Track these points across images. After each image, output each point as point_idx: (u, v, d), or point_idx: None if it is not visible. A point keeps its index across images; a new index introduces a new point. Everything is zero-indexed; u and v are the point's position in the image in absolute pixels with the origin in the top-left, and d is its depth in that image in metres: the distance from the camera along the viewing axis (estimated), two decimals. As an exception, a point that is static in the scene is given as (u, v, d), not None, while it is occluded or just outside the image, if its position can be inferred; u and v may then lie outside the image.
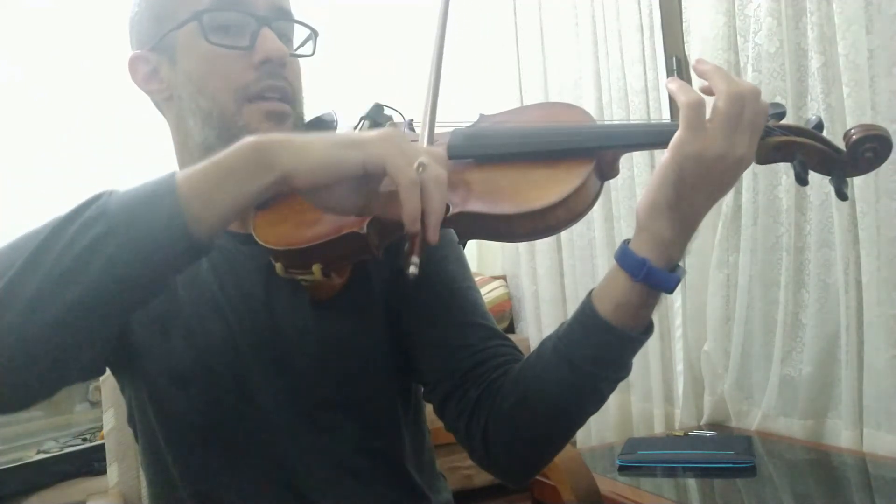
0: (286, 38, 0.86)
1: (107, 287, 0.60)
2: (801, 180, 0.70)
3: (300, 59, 0.89)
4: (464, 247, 0.93)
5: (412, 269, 0.62)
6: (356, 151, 0.63)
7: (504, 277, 2.82)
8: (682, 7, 2.05)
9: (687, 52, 2.07)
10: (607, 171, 0.76)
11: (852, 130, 0.70)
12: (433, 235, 0.63)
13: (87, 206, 0.62)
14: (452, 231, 0.92)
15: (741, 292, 1.88)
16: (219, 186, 0.62)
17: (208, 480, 0.82)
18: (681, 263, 0.72)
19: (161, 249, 0.61)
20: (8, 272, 0.60)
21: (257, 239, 0.78)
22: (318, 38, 0.90)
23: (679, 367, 2.08)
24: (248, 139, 0.63)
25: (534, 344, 2.53)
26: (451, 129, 0.80)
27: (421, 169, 0.62)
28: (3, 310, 0.59)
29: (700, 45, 1.92)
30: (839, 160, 0.71)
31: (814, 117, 0.73)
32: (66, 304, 0.59)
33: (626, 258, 0.71)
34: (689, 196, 0.69)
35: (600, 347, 0.73)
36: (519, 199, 0.71)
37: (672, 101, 2.08)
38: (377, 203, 0.67)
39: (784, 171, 1.76)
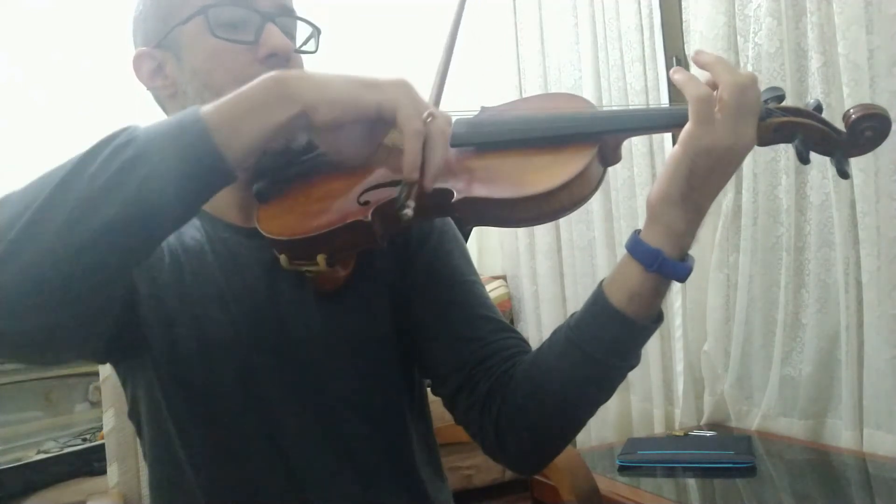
0: (290, 34, 0.87)
1: (139, 208, 0.61)
2: (803, 159, 0.71)
3: (303, 56, 0.89)
4: (466, 238, 0.94)
5: (407, 212, 0.65)
6: (373, 93, 0.65)
7: (504, 277, 2.82)
8: (682, 7, 2.06)
9: (687, 52, 2.07)
10: (610, 156, 0.76)
11: (851, 110, 0.71)
12: (430, 183, 0.66)
13: (114, 136, 0.62)
14: (456, 226, 0.93)
15: (741, 292, 1.88)
16: (243, 117, 0.64)
17: (214, 473, 0.83)
18: (690, 253, 0.74)
19: (192, 172, 0.62)
20: (41, 195, 0.60)
21: (261, 231, 0.78)
22: (321, 36, 0.90)
23: (679, 367, 2.08)
24: (270, 73, 0.65)
25: (534, 343, 2.53)
26: (453, 119, 0.80)
27: (429, 119, 0.65)
28: (38, 230, 0.59)
29: (700, 45, 1.92)
30: (839, 140, 0.73)
31: (813, 100, 0.74)
32: (100, 224, 0.60)
33: (638, 249, 0.72)
34: (701, 186, 0.70)
35: (614, 337, 0.74)
36: (522, 183, 0.72)
37: (671, 96, 2.09)
38: (381, 154, 0.69)
39: (784, 171, 1.77)
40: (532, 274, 2.65)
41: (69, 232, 0.59)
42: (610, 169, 0.80)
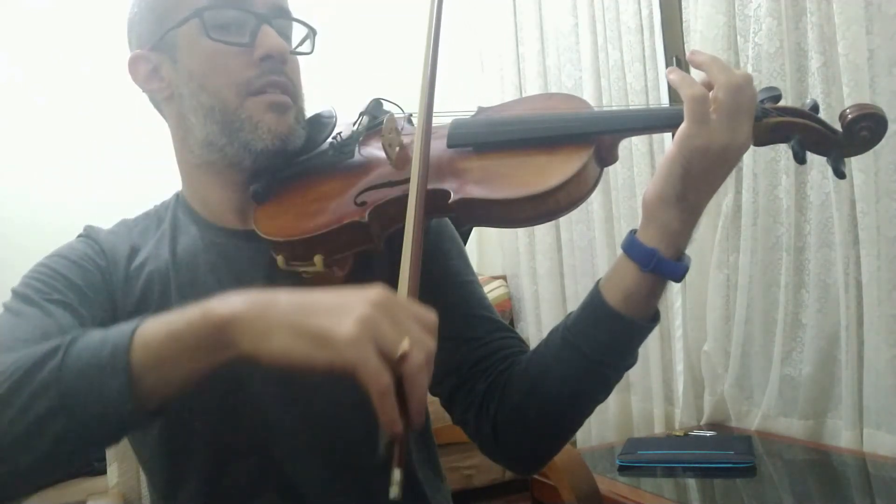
0: (285, 36, 0.86)
1: (56, 456, 0.61)
2: (799, 159, 0.72)
3: (299, 58, 0.89)
4: (465, 238, 0.93)
5: (393, 493, 0.53)
6: (325, 352, 0.55)
7: (504, 277, 2.82)
8: (682, 7, 2.06)
9: (687, 52, 2.07)
10: (606, 156, 0.77)
11: (847, 110, 0.71)
12: (417, 422, 0.57)
13: (44, 362, 0.61)
14: (454, 227, 0.92)
15: (741, 292, 1.88)
16: (173, 361, 0.60)
17: (208, 482, 0.82)
18: (686, 252, 0.74)
19: (108, 425, 0.61)
20: None
21: (259, 231, 0.78)
22: (317, 37, 0.90)
23: (679, 367, 2.08)
24: (208, 312, 0.60)
25: (534, 344, 2.54)
26: (450, 120, 0.80)
27: (402, 359, 0.55)
28: None
29: (700, 45, 1.92)
30: (836, 140, 0.73)
31: (810, 100, 0.74)
32: (16, 467, 0.60)
33: (634, 249, 0.72)
34: (696, 186, 0.70)
35: (610, 336, 0.74)
36: (518, 184, 0.72)
37: (671, 96, 2.09)
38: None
39: (784, 171, 1.76)
40: (532, 274, 2.65)
41: None
42: (609, 169, 0.80)
